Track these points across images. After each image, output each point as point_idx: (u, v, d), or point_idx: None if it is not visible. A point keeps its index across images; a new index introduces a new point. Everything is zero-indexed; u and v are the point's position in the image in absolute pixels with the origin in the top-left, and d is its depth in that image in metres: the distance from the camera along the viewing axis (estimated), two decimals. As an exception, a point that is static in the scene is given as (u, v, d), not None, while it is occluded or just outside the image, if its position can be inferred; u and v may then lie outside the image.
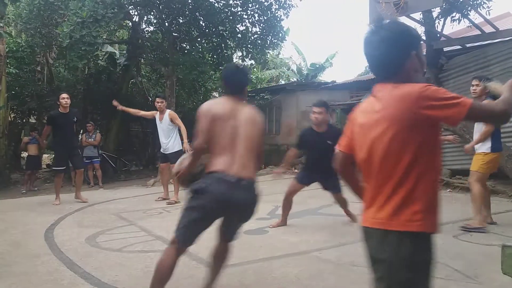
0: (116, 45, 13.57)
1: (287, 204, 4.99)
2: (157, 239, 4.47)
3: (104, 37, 11.14)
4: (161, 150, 7.00)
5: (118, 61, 13.20)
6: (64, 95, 6.68)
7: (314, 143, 4.78)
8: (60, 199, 6.76)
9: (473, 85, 4.80)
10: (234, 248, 4.03)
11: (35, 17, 9.16)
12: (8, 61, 11.15)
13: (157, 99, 7.04)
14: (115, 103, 7.20)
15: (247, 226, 4.85)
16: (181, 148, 6.78)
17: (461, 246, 4.03)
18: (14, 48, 11.70)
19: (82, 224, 5.24)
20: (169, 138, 6.85)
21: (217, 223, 2.68)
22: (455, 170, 8.20)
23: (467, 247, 4.02)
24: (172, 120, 6.84)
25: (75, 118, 6.84)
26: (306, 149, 5.00)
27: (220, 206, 2.43)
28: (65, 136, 6.62)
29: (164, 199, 6.96)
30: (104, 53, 12.95)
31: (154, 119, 7.08)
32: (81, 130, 11.05)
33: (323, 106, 4.84)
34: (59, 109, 6.67)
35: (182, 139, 6.80)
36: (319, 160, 4.60)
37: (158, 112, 7.01)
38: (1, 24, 10.66)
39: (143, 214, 5.95)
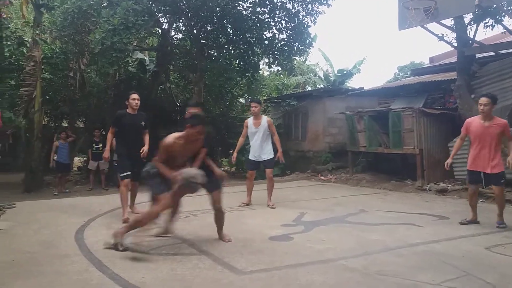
0: (146, 51, 13.85)
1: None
2: (183, 243, 4.52)
3: (135, 44, 11.40)
4: (252, 156, 6.78)
5: (147, 68, 13.46)
6: (135, 96, 5.91)
7: None
8: (127, 212, 5.76)
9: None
10: (259, 253, 4.03)
11: (69, 24, 9.44)
12: (43, 67, 11.58)
13: (252, 104, 6.82)
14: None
15: (273, 232, 4.87)
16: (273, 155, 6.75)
17: (494, 259, 3.90)
18: (49, 55, 12.13)
19: (110, 226, 5.33)
20: (266, 145, 6.70)
21: None
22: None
23: (500, 259, 3.88)
24: (269, 127, 6.68)
25: (143, 123, 6.01)
26: None
27: None
28: (130, 141, 5.81)
29: (247, 204, 6.80)
30: (134, 59, 13.24)
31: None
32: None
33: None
34: (126, 110, 5.93)
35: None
36: None
37: (250, 119, 6.86)
38: (37, 32, 11.11)
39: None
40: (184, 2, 9.70)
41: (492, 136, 5.06)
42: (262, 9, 10.46)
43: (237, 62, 11.60)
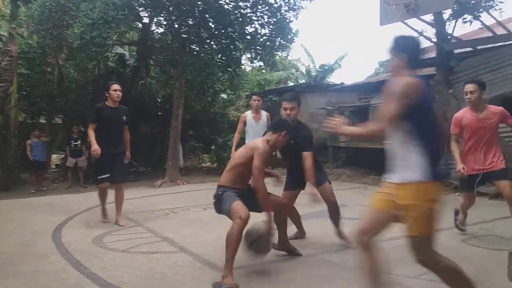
0: (126, 46, 13.65)
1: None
2: (163, 240, 4.48)
3: (114, 38, 11.21)
4: None
5: (128, 63, 13.27)
6: (116, 86, 5.25)
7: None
8: (108, 215, 5.41)
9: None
10: (240, 250, 4.02)
11: (46, 18, 9.23)
12: (19, 62, 11.30)
13: (254, 97, 6.51)
14: None
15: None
16: None
17: (470, 251, 3.98)
18: (26, 49, 11.84)
19: (89, 225, 5.27)
20: None
21: None
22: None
23: (475, 251, 3.97)
24: (268, 122, 6.32)
25: (125, 117, 5.38)
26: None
27: None
28: (111, 137, 5.17)
29: None
30: (114, 54, 13.03)
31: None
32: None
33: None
34: (106, 103, 5.28)
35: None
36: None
37: (248, 113, 6.55)
38: (14, 26, 10.83)
39: (150, 215, 5.96)
40: (165, -5, 9.59)
41: (490, 129, 4.19)
42: (244, 3, 10.39)
43: (219, 57, 11.52)
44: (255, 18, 10.69)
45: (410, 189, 2.35)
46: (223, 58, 11.44)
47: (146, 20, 11.65)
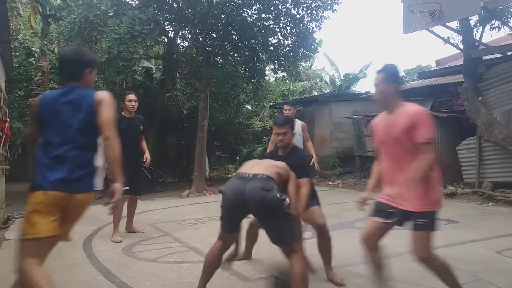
0: (153, 60, 13.95)
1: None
2: (191, 250, 4.52)
3: (141, 52, 11.48)
4: None
5: (154, 76, 13.55)
6: (132, 97, 5.30)
7: None
8: (119, 233, 5.14)
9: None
10: (267, 260, 4.01)
11: (76, 34, 9.55)
12: (51, 77, 11.70)
13: (285, 106, 6.05)
14: None
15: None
16: None
17: (505, 263, 3.84)
18: (57, 65, 12.24)
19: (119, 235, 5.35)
20: None
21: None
22: (497, 182, 7.87)
23: (511, 263, 3.83)
24: (303, 132, 6.05)
25: (141, 127, 5.38)
26: None
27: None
28: (128, 148, 4.60)
29: None
30: (141, 68, 13.34)
31: None
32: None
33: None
34: (122, 113, 5.28)
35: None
36: None
37: None
38: (45, 42, 11.25)
39: (178, 225, 6.03)
40: (190, 10, 9.77)
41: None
42: (267, 15, 10.49)
43: (242, 69, 11.63)
44: (278, 30, 10.76)
45: None
46: (247, 69, 11.54)
47: (171, 34, 11.89)
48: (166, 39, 12.11)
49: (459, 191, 8.05)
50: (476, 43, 8.69)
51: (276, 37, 10.90)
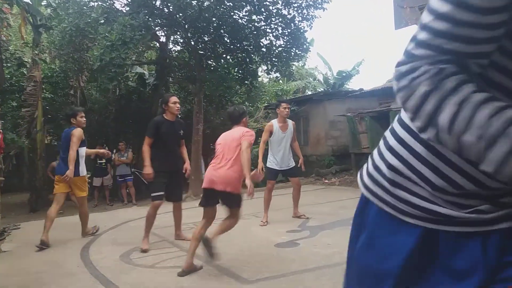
0: (145, 65, 13.94)
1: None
2: (189, 255, 4.50)
3: (133, 58, 11.47)
4: (275, 165, 5.99)
5: (147, 81, 13.54)
6: (176, 99, 4.98)
7: None
8: (148, 240, 4.89)
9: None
10: (265, 261, 4.01)
11: (67, 43, 9.53)
12: (43, 86, 11.67)
13: (283, 105, 6.00)
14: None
15: (278, 239, 4.85)
16: None
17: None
18: (49, 74, 12.23)
19: (116, 242, 5.34)
20: (290, 151, 6.05)
21: None
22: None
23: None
24: (294, 131, 6.10)
25: (182, 131, 5.08)
26: None
27: None
28: (168, 153, 4.89)
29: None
30: (134, 74, 13.33)
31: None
32: (114, 150, 11.37)
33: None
34: (164, 115, 4.95)
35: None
36: None
37: (274, 122, 6.07)
38: (37, 52, 11.23)
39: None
40: (181, 14, 9.76)
41: None
42: (258, 16, 10.50)
43: (235, 71, 11.63)
44: (270, 31, 10.77)
45: None
46: (240, 71, 11.55)
47: (163, 39, 11.88)
48: (158, 44, 12.10)
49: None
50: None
51: (268, 38, 10.92)
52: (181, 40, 11.64)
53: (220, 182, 3.62)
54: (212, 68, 11.29)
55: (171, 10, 9.76)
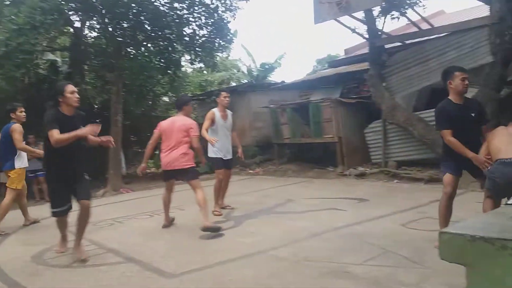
0: (58, 52, 12.99)
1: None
2: (108, 252, 4.32)
3: (44, 44, 10.62)
4: (221, 154, 5.91)
5: (60, 69, 12.64)
6: (73, 87, 4.00)
7: None
8: (67, 245, 4.39)
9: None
10: (189, 253, 3.98)
11: (-35, 25, 8.59)
12: None
13: (224, 94, 6.01)
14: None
15: (201, 231, 4.83)
16: None
17: (409, 234, 4.20)
18: None
19: (27, 242, 4.96)
20: (229, 142, 6.06)
21: None
22: (400, 161, 8.57)
23: (414, 234, 4.20)
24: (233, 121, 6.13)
25: (81, 126, 4.03)
26: None
27: None
28: (67, 155, 3.95)
29: (221, 208, 6.05)
30: (44, 61, 12.35)
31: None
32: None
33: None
34: (60, 108, 3.94)
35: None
36: None
37: (215, 110, 5.95)
38: None
39: (93, 226, 5.65)
40: (97, -2, 9.23)
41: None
42: (180, 4, 10.25)
43: (157, 60, 11.28)
44: (193, 19, 10.59)
45: None
46: (162, 60, 11.22)
47: (78, 24, 11.16)
48: (72, 30, 11.34)
49: (368, 171, 8.63)
50: (379, 33, 9.32)
51: (191, 27, 10.72)
52: (98, 26, 10.99)
53: (176, 163, 4.87)
54: (131, 56, 10.85)
55: (86, -7, 9.18)
